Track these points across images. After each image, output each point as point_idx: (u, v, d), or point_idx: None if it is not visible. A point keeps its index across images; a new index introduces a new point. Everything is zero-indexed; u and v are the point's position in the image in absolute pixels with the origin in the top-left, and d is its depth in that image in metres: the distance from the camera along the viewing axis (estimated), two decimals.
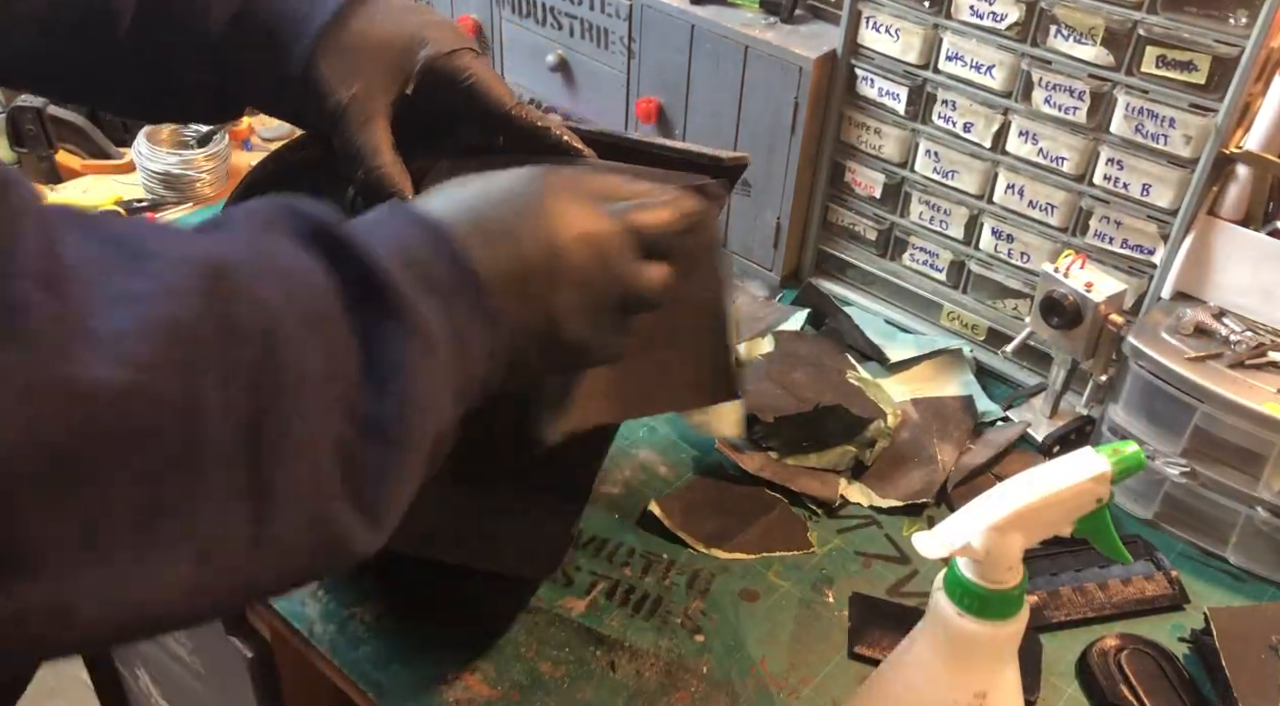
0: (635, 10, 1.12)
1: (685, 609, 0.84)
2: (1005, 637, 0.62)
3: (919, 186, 1.05)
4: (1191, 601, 0.86)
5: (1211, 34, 0.83)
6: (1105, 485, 0.60)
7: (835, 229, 1.14)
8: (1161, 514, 0.91)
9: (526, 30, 1.23)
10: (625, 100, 1.18)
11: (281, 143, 1.38)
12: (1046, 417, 1.00)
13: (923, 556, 0.60)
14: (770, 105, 1.06)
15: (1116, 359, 0.92)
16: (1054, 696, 0.79)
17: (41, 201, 0.38)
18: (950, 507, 0.93)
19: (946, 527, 0.60)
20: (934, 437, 0.97)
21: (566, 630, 0.82)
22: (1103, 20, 0.87)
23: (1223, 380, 0.84)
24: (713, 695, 0.78)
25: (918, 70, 1.00)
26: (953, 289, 1.08)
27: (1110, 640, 0.81)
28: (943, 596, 0.62)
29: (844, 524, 0.91)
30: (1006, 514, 0.59)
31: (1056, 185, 0.96)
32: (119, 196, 1.24)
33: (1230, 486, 0.86)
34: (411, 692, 0.77)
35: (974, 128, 0.98)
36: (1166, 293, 0.92)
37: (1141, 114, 0.88)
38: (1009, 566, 0.60)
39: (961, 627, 0.62)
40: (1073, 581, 0.86)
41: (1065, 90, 0.91)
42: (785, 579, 0.87)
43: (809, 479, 0.93)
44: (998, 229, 1.02)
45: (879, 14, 0.99)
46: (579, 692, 0.78)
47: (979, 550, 0.59)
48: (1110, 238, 0.95)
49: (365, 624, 0.82)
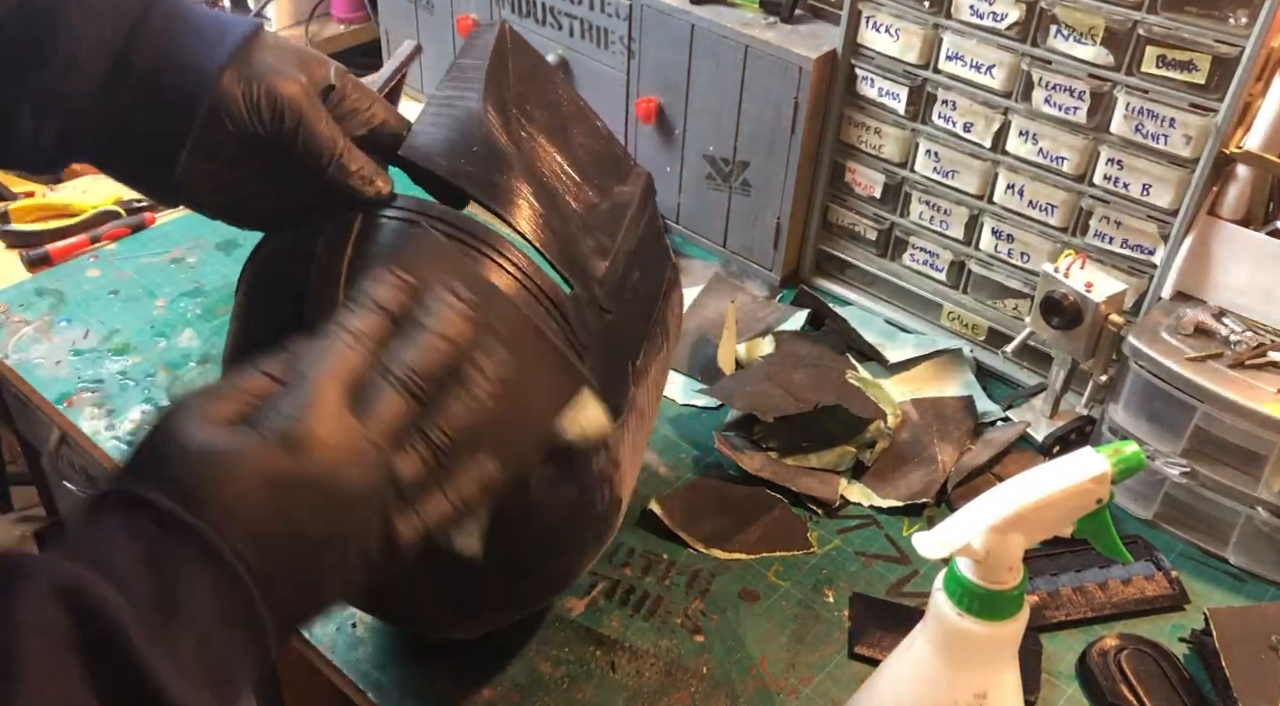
0: (635, 10, 1.12)
1: (685, 609, 0.84)
2: (1005, 637, 0.62)
3: (919, 186, 1.05)
4: (1191, 601, 0.86)
5: (1211, 34, 0.83)
6: (1106, 485, 0.60)
7: (835, 229, 1.14)
8: (1161, 514, 0.91)
9: (526, 30, 1.23)
10: (625, 100, 1.18)
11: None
12: (1046, 417, 1.00)
13: (923, 556, 0.60)
14: (770, 105, 1.06)
15: (1116, 359, 0.92)
16: (1054, 696, 0.79)
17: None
18: (950, 507, 0.93)
19: (946, 528, 0.60)
20: (934, 438, 0.97)
21: (566, 630, 0.82)
22: (1103, 20, 0.87)
23: (1223, 380, 0.84)
24: (713, 695, 0.78)
25: (918, 70, 1.00)
26: (953, 289, 1.08)
27: (1110, 640, 0.81)
28: (943, 596, 0.62)
29: (844, 524, 0.91)
30: (1006, 514, 0.59)
31: (1056, 185, 0.96)
32: (119, 196, 1.24)
33: (1230, 486, 0.86)
34: (411, 692, 0.77)
35: (974, 128, 0.98)
36: (1166, 292, 0.92)
37: (1141, 114, 0.88)
38: (1009, 566, 0.60)
39: (962, 627, 0.62)
40: (1073, 581, 0.86)
41: (1065, 90, 0.91)
42: (785, 579, 0.87)
43: (809, 479, 0.93)
44: (998, 229, 1.02)
45: (879, 14, 0.99)
46: (579, 692, 0.78)
47: (979, 550, 0.59)
48: (1110, 238, 0.95)
49: (365, 624, 0.82)
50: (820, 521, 0.91)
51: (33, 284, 1.13)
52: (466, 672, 0.78)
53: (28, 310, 1.10)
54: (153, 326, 1.09)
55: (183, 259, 1.18)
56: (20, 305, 1.10)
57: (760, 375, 0.98)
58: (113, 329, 1.08)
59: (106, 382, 1.02)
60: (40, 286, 1.13)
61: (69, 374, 1.03)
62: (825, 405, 0.93)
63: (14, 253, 1.17)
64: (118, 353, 1.05)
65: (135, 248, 1.19)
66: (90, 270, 1.16)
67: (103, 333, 1.08)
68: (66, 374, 1.03)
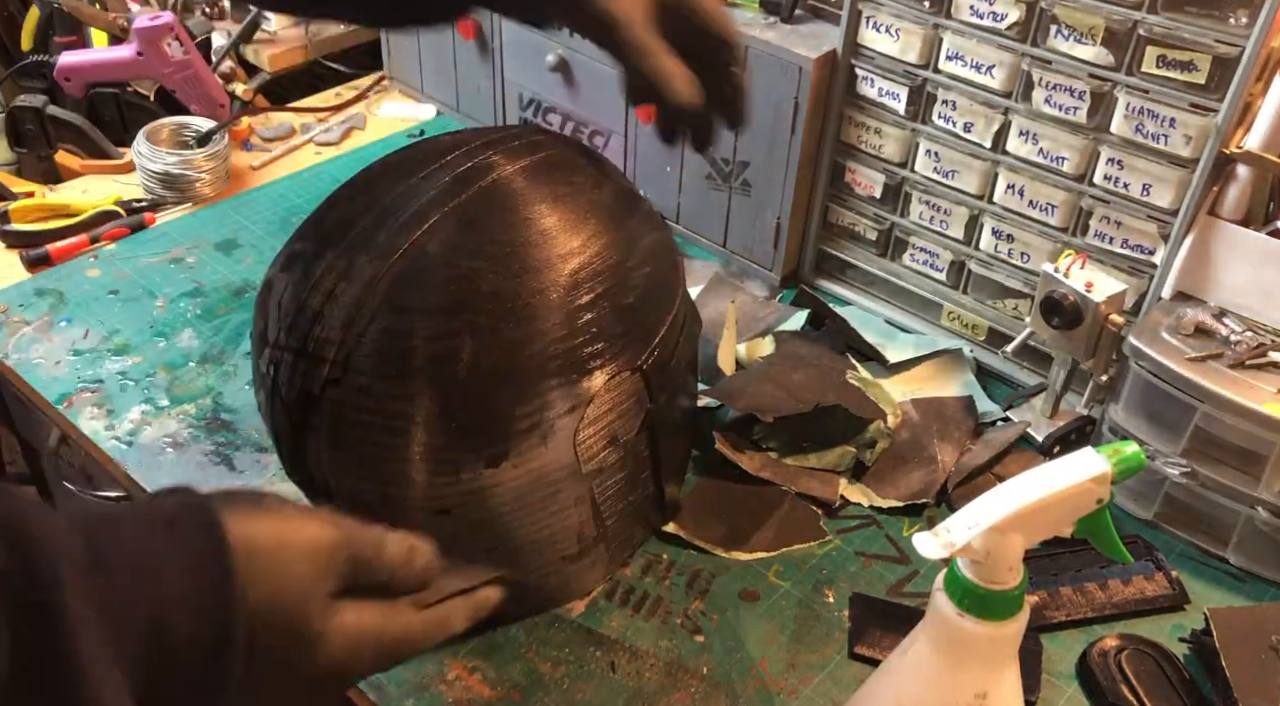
0: None
1: (685, 609, 0.84)
2: (1006, 638, 0.62)
3: (919, 186, 1.05)
4: (1191, 601, 0.86)
5: (1211, 34, 0.83)
6: (1106, 486, 0.60)
7: (835, 229, 1.14)
8: (1161, 514, 0.91)
9: (526, 30, 1.23)
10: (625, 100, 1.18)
11: (279, 141, 1.39)
12: (1046, 418, 1.00)
13: (923, 556, 0.60)
14: (770, 105, 1.06)
15: (1116, 359, 0.92)
16: (1054, 696, 0.79)
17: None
18: (950, 508, 0.93)
19: (946, 528, 0.60)
20: (934, 438, 0.97)
21: (566, 630, 0.82)
22: (1103, 20, 0.87)
23: (1223, 380, 0.84)
24: (713, 695, 0.78)
25: (918, 70, 1.00)
26: (953, 289, 1.08)
27: (1110, 640, 0.81)
28: (943, 597, 0.62)
29: (844, 524, 0.91)
30: (1007, 514, 0.59)
31: (1056, 185, 0.96)
32: (118, 196, 1.24)
33: (1230, 486, 0.86)
34: (411, 692, 0.77)
35: (974, 128, 0.98)
36: (1167, 292, 0.92)
37: (1142, 114, 0.88)
38: (1009, 566, 0.60)
39: (962, 628, 0.62)
40: (1073, 581, 0.86)
41: (1065, 90, 0.91)
42: (785, 579, 0.87)
43: (809, 479, 0.93)
44: (998, 229, 1.02)
45: (879, 14, 0.99)
46: (579, 692, 0.78)
47: (979, 550, 0.59)
48: (1110, 238, 0.95)
49: None
50: (820, 521, 0.91)
51: (32, 284, 1.13)
52: (466, 672, 0.78)
53: (27, 310, 1.10)
54: (152, 326, 1.09)
55: (182, 259, 1.18)
56: (20, 305, 1.10)
57: (760, 375, 0.98)
58: (112, 329, 1.08)
59: (106, 383, 1.02)
60: (40, 286, 1.13)
61: (69, 374, 1.03)
62: (825, 405, 0.93)
63: (14, 253, 1.17)
64: (117, 353, 1.05)
65: (135, 248, 1.19)
66: (90, 270, 1.16)
67: (102, 333, 1.08)
68: (66, 374, 1.02)
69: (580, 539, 0.80)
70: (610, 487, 0.80)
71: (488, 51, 1.30)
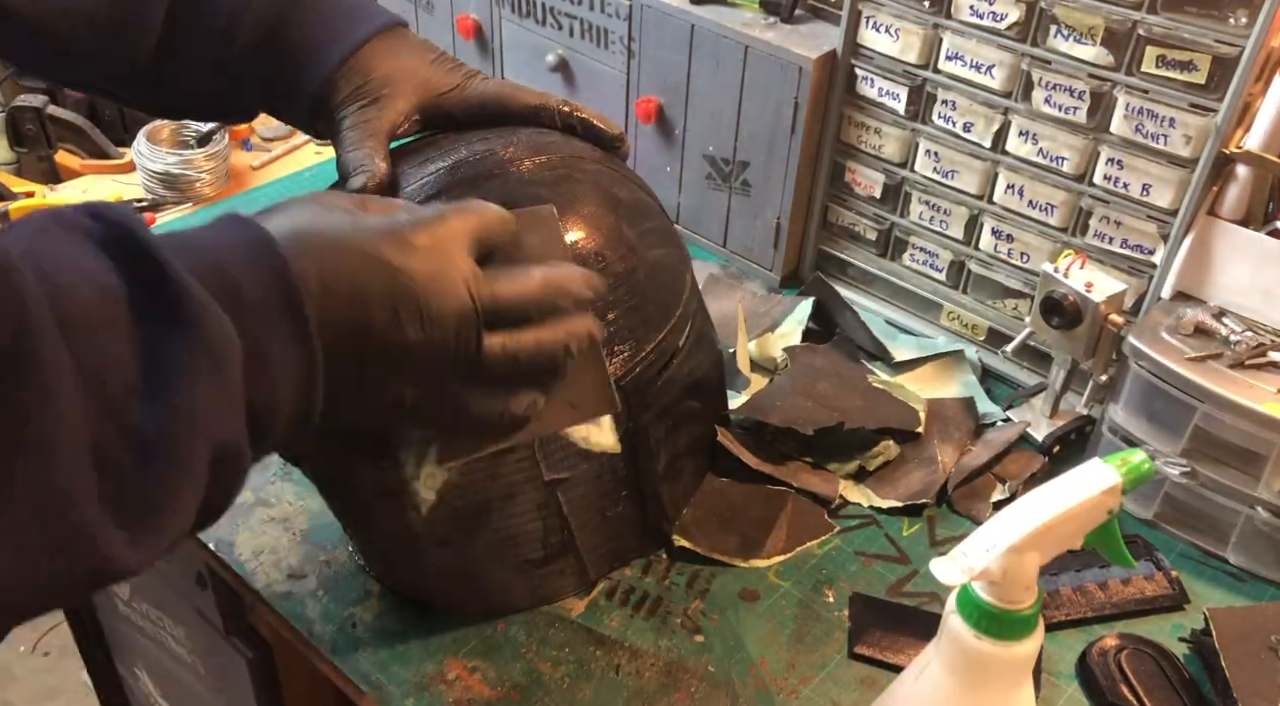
0: (635, 10, 1.12)
1: (685, 609, 0.84)
2: (1024, 656, 0.61)
3: (919, 186, 1.05)
4: (1191, 601, 0.86)
5: (1211, 34, 0.83)
6: (1116, 496, 0.60)
7: (835, 229, 1.14)
8: (1161, 514, 0.91)
9: (526, 30, 1.23)
10: (625, 100, 1.18)
11: (279, 141, 1.39)
12: (1046, 417, 1.00)
13: (945, 585, 0.59)
14: (770, 105, 1.06)
15: (1116, 359, 0.92)
16: (1054, 696, 0.79)
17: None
18: (950, 508, 0.93)
19: (964, 552, 0.59)
20: (934, 438, 0.97)
21: (566, 630, 0.82)
22: (1103, 20, 0.87)
23: (1223, 380, 0.84)
24: (713, 695, 0.78)
25: (918, 70, 1.00)
26: (953, 289, 1.08)
27: (1110, 640, 0.81)
28: (957, 619, 0.61)
29: (844, 524, 0.91)
30: (1023, 534, 0.58)
31: (1056, 185, 0.96)
32: (119, 196, 1.24)
33: (1230, 486, 0.86)
34: (411, 692, 0.77)
35: (974, 128, 0.98)
36: (1166, 293, 0.92)
37: (1141, 114, 0.88)
38: (1025, 586, 0.59)
39: (980, 650, 0.60)
40: (1073, 581, 0.86)
41: (1065, 90, 0.91)
42: (785, 579, 0.87)
43: (810, 475, 0.93)
44: (998, 229, 1.02)
45: (879, 14, 0.99)
46: (579, 692, 0.78)
47: (996, 572, 0.59)
48: (1110, 238, 0.95)
49: (365, 624, 0.82)
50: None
51: None
52: (466, 672, 0.78)
53: None
54: None
55: None
56: None
57: (787, 389, 0.98)
58: None
59: None
60: None
61: None
62: (859, 427, 0.93)
63: None
64: None
65: None
66: None
67: None
68: None
69: (545, 545, 0.79)
70: (580, 499, 0.79)
71: (488, 51, 1.30)
